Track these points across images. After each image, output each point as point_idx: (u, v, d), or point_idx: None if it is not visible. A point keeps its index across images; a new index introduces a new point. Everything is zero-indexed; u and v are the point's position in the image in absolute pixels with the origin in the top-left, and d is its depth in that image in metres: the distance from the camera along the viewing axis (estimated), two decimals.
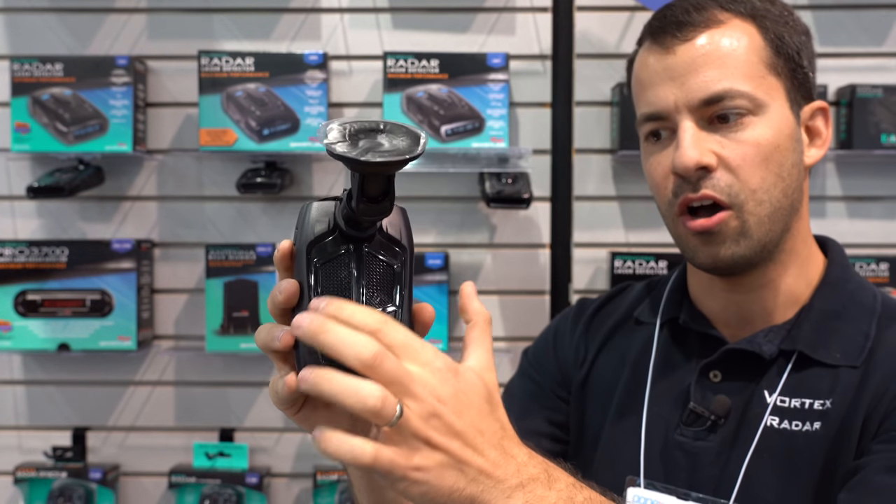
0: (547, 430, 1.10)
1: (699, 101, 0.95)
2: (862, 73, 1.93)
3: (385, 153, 0.61)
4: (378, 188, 0.64)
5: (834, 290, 1.01)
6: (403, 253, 0.70)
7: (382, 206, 0.65)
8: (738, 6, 0.98)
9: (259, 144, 1.86)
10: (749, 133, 0.95)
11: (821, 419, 0.95)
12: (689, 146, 0.94)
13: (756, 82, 0.96)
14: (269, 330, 0.69)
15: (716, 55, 0.96)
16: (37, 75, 1.87)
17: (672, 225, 1.00)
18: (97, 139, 1.87)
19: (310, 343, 0.63)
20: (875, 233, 1.95)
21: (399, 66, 1.86)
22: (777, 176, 0.96)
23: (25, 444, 1.99)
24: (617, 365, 1.09)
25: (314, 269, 0.68)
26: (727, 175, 0.95)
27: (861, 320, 0.99)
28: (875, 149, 1.86)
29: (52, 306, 1.88)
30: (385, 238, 0.70)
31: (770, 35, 0.98)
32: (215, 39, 1.97)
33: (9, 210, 1.98)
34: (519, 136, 1.95)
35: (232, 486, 1.89)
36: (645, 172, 1.03)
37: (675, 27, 0.97)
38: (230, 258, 1.88)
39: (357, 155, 0.61)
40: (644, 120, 1.00)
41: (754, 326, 1.02)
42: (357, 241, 0.69)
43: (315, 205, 0.70)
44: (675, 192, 0.97)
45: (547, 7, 1.92)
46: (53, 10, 1.97)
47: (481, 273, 1.96)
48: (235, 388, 1.98)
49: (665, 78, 0.97)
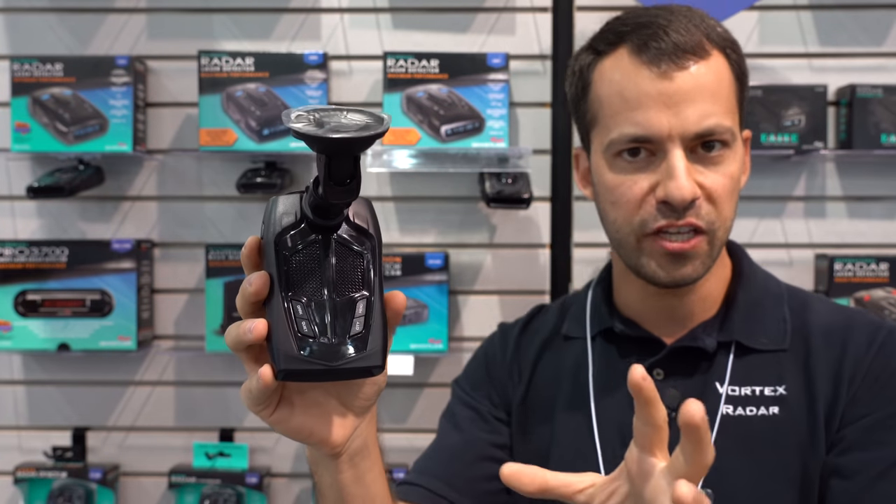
0: (492, 454, 1.12)
1: (693, 134, 0.98)
2: (862, 73, 1.93)
3: (349, 130, 0.61)
4: (345, 170, 0.64)
5: (750, 282, 1.10)
6: (370, 241, 0.70)
7: (349, 188, 0.65)
8: (713, 34, 1.02)
9: (259, 144, 1.86)
10: (725, 167, 1.00)
11: (777, 404, 1.02)
12: (683, 178, 0.97)
13: (732, 117, 1.01)
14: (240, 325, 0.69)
15: (708, 89, 0.99)
16: (37, 75, 1.87)
17: (633, 242, 1.02)
18: (97, 139, 1.87)
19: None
20: (875, 233, 1.95)
21: (399, 66, 1.86)
22: (734, 204, 1.03)
23: (25, 444, 1.99)
24: (553, 380, 1.13)
25: (283, 260, 0.68)
26: (707, 205, 1.00)
27: (776, 307, 1.08)
28: (875, 149, 1.86)
29: (52, 306, 1.88)
30: (352, 227, 0.70)
31: (735, 68, 1.03)
32: (215, 39, 1.97)
33: (9, 210, 1.98)
34: (519, 136, 1.95)
35: (232, 486, 1.89)
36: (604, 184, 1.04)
37: (671, 51, 0.98)
38: (230, 258, 1.88)
39: (322, 133, 0.60)
40: (627, 139, 1.00)
41: (685, 325, 1.08)
42: (325, 230, 0.69)
43: (281, 198, 0.70)
44: (656, 217, 1.00)
45: (547, 7, 1.92)
46: (53, 10, 1.97)
47: (481, 273, 1.96)
48: (235, 388, 1.98)
49: (660, 103, 0.98)
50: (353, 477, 0.80)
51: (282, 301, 0.68)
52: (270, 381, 0.68)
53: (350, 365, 0.67)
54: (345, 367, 0.67)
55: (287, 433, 0.74)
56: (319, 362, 0.67)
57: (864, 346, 1.03)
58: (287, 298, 0.68)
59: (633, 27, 1.01)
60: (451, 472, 1.10)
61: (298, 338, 0.67)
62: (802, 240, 1.95)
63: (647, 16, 1.02)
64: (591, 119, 1.06)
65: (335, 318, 0.68)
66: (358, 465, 0.80)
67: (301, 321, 0.67)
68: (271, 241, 0.68)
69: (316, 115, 0.62)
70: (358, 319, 0.68)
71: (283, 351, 0.67)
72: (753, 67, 1.96)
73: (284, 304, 0.68)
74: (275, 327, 0.68)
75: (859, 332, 1.04)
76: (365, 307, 0.69)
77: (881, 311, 1.84)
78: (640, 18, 1.02)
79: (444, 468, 1.11)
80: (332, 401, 0.76)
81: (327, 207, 0.67)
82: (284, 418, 0.73)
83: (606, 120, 1.03)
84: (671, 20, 1.00)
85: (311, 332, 0.67)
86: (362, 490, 0.81)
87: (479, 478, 1.10)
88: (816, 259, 1.93)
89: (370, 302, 0.69)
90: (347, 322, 0.68)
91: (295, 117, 0.61)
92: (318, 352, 0.67)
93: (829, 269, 1.86)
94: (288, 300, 0.68)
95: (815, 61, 1.94)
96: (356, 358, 0.68)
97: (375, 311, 0.69)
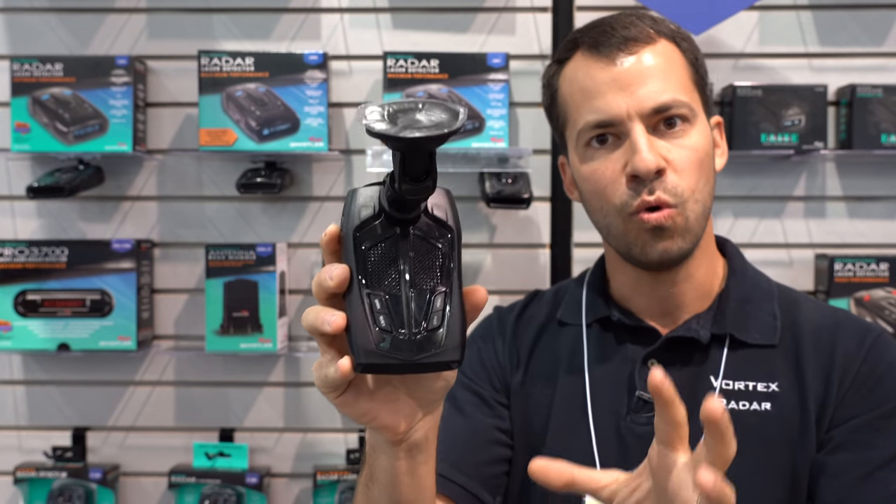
0: (497, 438, 1.14)
1: (650, 109, 1.04)
2: (862, 73, 1.93)
3: (424, 128, 0.61)
4: (419, 166, 0.64)
5: (742, 278, 1.14)
6: (450, 233, 0.70)
7: (425, 185, 0.65)
8: (661, 27, 1.10)
9: (259, 144, 1.86)
10: (689, 140, 1.05)
11: (770, 400, 1.05)
12: (646, 150, 1.03)
13: (689, 94, 1.07)
14: (318, 313, 0.70)
15: (659, 69, 1.06)
16: (37, 75, 1.87)
17: (621, 225, 1.07)
18: (97, 139, 1.87)
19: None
20: (875, 233, 1.95)
21: (399, 66, 1.86)
22: (706, 179, 1.07)
23: (25, 444, 1.99)
24: (550, 364, 1.16)
25: (362, 253, 0.69)
26: (673, 176, 1.04)
27: (766, 303, 1.12)
28: (875, 149, 1.86)
29: (52, 306, 1.88)
30: (431, 220, 0.70)
31: (688, 55, 1.10)
32: (215, 39, 1.97)
33: (9, 210, 1.98)
34: (519, 136, 1.95)
35: (232, 486, 1.89)
36: (581, 176, 1.11)
37: (618, 41, 1.07)
38: (230, 258, 1.88)
39: (396, 132, 0.60)
40: (591, 127, 1.07)
41: (678, 317, 1.11)
42: (403, 223, 0.69)
43: (360, 190, 0.70)
44: (632, 194, 1.04)
45: (547, 7, 1.92)
46: (53, 10, 1.97)
47: (481, 273, 1.96)
48: (235, 388, 1.98)
49: (614, 87, 1.05)
50: (407, 467, 0.81)
51: (360, 294, 0.68)
52: (349, 372, 0.69)
53: (428, 359, 0.68)
54: (423, 361, 0.68)
55: (352, 416, 0.75)
56: (397, 356, 0.67)
57: (854, 348, 1.06)
58: (366, 292, 0.68)
59: (585, 31, 1.11)
60: (459, 456, 1.11)
61: (377, 332, 0.68)
62: (802, 240, 1.95)
63: (598, 21, 1.12)
64: (562, 122, 1.14)
65: (413, 312, 0.68)
66: (415, 456, 0.81)
67: (379, 315, 0.68)
68: (350, 234, 0.69)
69: (391, 111, 0.62)
70: (436, 314, 0.68)
71: (361, 345, 0.67)
72: (753, 67, 1.97)
73: (363, 297, 0.68)
74: (353, 320, 0.68)
75: (848, 335, 1.08)
76: (443, 301, 0.69)
77: (881, 310, 1.85)
78: (591, 24, 1.12)
79: (451, 452, 1.12)
80: (400, 390, 0.77)
81: (404, 202, 0.67)
82: (351, 402, 0.74)
83: (573, 115, 1.10)
84: (619, 19, 1.10)
85: (390, 326, 0.68)
86: (414, 481, 0.82)
87: (485, 462, 1.12)
88: (816, 259, 1.93)
89: (448, 296, 0.69)
90: (426, 316, 0.68)
91: (369, 114, 0.62)
92: (397, 346, 0.67)
93: (829, 269, 1.86)
94: (366, 294, 0.68)
95: (815, 61, 1.94)
96: (434, 353, 0.68)
97: (454, 305, 0.69)
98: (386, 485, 0.83)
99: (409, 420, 0.77)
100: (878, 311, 1.85)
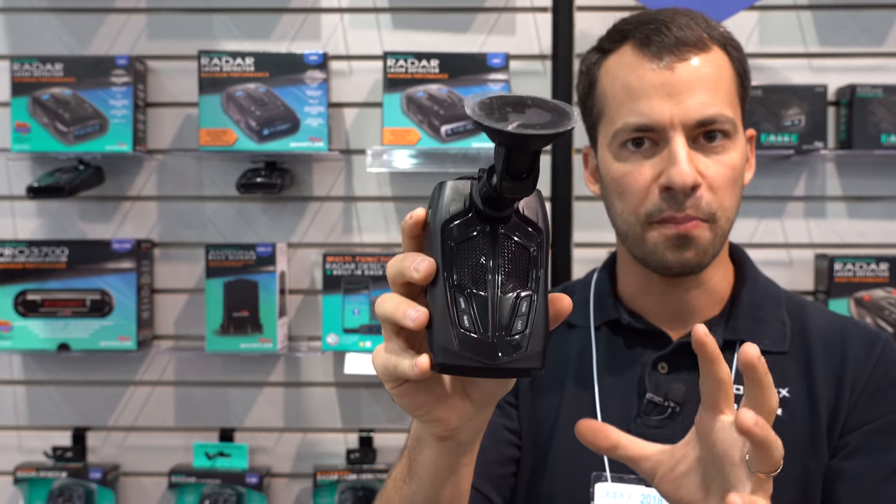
0: (507, 438, 1.13)
1: (695, 121, 1.01)
2: (862, 73, 1.93)
3: (535, 126, 0.58)
4: (524, 164, 0.61)
5: (753, 284, 1.12)
6: (539, 235, 0.68)
7: (525, 184, 0.62)
8: (714, 33, 1.06)
9: (259, 144, 1.86)
10: (727, 157, 1.03)
11: (781, 406, 1.03)
12: (685, 163, 1.00)
13: (732, 109, 1.04)
14: (399, 304, 0.68)
15: (709, 79, 1.02)
16: (37, 75, 1.87)
17: (640, 231, 1.05)
18: (97, 139, 1.87)
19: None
20: (875, 233, 1.95)
21: (399, 66, 1.86)
22: (738, 197, 1.05)
23: (25, 444, 1.99)
24: (559, 364, 1.14)
25: (449, 249, 0.66)
26: (708, 193, 1.02)
27: (776, 309, 1.10)
28: (875, 149, 1.86)
29: (52, 306, 1.88)
30: (521, 220, 0.68)
31: (736, 65, 1.07)
32: (215, 39, 1.97)
33: (9, 210, 1.98)
34: None
35: (232, 486, 1.89)
36: (610, 175, 1.07)
37: (672, 44, 1.03)
38: (230, 258, 1.88)
39: (506, 127, 0.58)
40: (631, 129, 1.04)
41: (689, 322, 1.10)
42: (493, 221, 0.67)
43: (450, 183, 0.68)
44: (661, 206, 1.02)
45: (547, 7, 1.92)
46: (53, 10, 1.97)
47: None
48: (235, 388, 1.98)
49: (662, 93, 1.02)
50: (449, 465, 0.79)
51: (445, 291, 0.66)
52: (427, 371, 0.66)
53: (509, 365, 0.65)
54: (503, 366, 0.65)
55: (406, 407, 0.73)
56: (478, 359, 0.65)
57: (863, 355, 1.05)
58: (450, 289, 0.66)
59: (637, 25, 1.06)
60: None
61: (459, 332, 0.65)
62: (802, 240, 1.95)
63: (650, 15, 1.07)
64: (597, 114, 1.09)
65: (497, 315, 0.66)
66: (459, 456, 0.79)
67: (463, 315, 0.65)
68: (438, 229, 0.67)
69: (498, 104, 0.60)
70: (520, 318, 0.66)
71: (442, 345, 0.65)
72: (753, 67, 1.95)
73: (447, 294, 0.66)
74: (436, 317, 0.66)
75: (857, 341, 1.07)
76: (528, 305, 0.66)
77: (881, 311, 1.85)
78: (644, 17, 1.07)
79: None
80: (457, 386, 0.75)
81: (500, 200, 0.65)
82: (408, 392, 0.72)
83: (611, 112, 1.06)
84: (674, 17, 1.05)
85: (472, 328, 0.65)
86: (454, 479, 0.80)
87: (495, 461, 1.11)
88: (816, 259, 1.93)
89: (534, 300, 0.66)
90: (509, 320, 0.66)
91: (478, 105, 0.59)
92: (478, 348, 0.65)
93: (829, 269, 1.86)
94: (451, 291, 0.66)
95: (815, 61, 1.94)
96: (516, 358, 0.65)
97: (538, 311, 0.66)
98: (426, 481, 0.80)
99: (462, 418, 0.75)
100: (878, 311, 1.85)
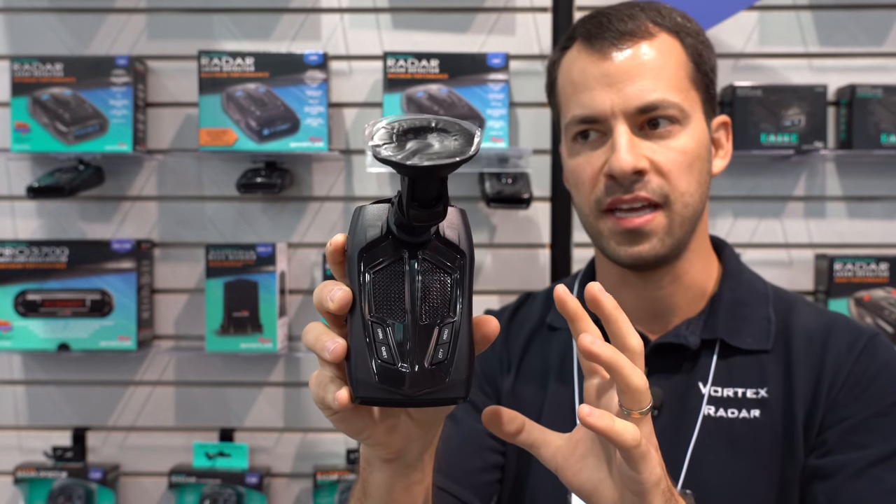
0: (489, 444, 1.12)
1: (635, 109, 1.02)
2: (862, 73, 1.93)
3: (434, 155, 0.56)
4: (429, 192, 0.60)
5: (736, 281, 1.11)
6: (461, 258, 0.65)
7: (435, 211, 0.60)
8: (664, 21, 1.06)
9: (259, 144, 1.86)
10: (676, 141, 1.02)
11: (759, 407, 1.03)
12: (626, 151, 1.00)
13: (683, 94, 1.03)
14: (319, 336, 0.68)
15: (650, 66, 1.03)
16: (37, 75, 1.87)
17: (594, 222, 1.06)
18: (97, 139, 1.87)
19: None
20: (875, 233, 1.95)
21: (399, 66, 1.86)
22: (698, 182, 1.04)
23: (25, 444, 1.99)
24: (540, 370, 1.14)
25: (366, 277, 0.64)
26: (658, 178, 1.02)
27: (761, 306, 1.09)
28: (875, 149, 1.86)
29: (52, 306, 1.88)
30: (442, 242, 0.65)
31: (690, 51, 1.06)
32: (215, 39, 1.97)
33: (9, 210, 1.98)
34: (519, 136, 1.95)
35: (232, 486, 1.89)
36: (568, 169, 1.10)
37: (612, 36, 1.04)
38: (230, 258, 1.88)
39: (403, 159, 0.56)
40: (577, 121, 1.05)
41: (668, 321, 1.09)
42: (411, 247, 0.64)
43: (368, 208, 0.66)
44: (606, 193, 1.03)
45: (547, 7, 1.92)
46: (53, 10, 1.97)
47: (481, 273, 1.96)
48: (235, 388, 1.98)
49: (602, 83, 1.03)
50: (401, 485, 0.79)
51: (362, 321, 0.64)
52: (346, 404, 0.66)
53: (431, 395, 0.64)
54: (425, 397, 0.64)
55: (347, 432, 0.73)
56: (398, 392, 0.64)
57: (845, 350, 1.04)
58: (368, 319, 0.64)
59: (584, 21, 1.09)
60: (451, 464, 1.10)
61: (378, 364, 0.64)
62: (802, 240, 1.95)
63: (599, 11, 1.09)
64: (557, 112, 1.12)
65: (417, 344, 0.64)
66: (409, 475, 0.79)
67: (381, 346, 0.64)
68: (355, 256, 0.65)
69: (399, 130, 0.57)
70: (442, 346, 0.64)
71: (361, 378, 0.64)
72: (753, 67, 1.97)
73: (365, 325, 0.64)
74: (354, 348, 0.65)
75: (840, 337, 1.05)
76: (450, 332, 0.64)
77: (881, 311, 1.85)
78: (593, 13, 1.09)
79: (444, 460, 1.11)
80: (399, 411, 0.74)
81: (411, 227, 0.63)
82: (347, 418, 0.71)
83: (563, 107, 1.09)
84: (618, 10, 1.07)
85: (391, 359, 0.64)
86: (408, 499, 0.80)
87: (478, 469, 1.11)
88: (816, 259, 1.93)
89: (456, 327, 0.64)
90: (430, 349, 0.64)
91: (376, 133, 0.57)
92: (398, 380, 0.64)
93: (829, 269, 1.86)
94: (369, 321, 0.64)
95: (815, 61, 1.94)
96: (438, 388, 0.64)
97: (461, 338, 0.64)
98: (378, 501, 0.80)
99: (406, 439, 0.75)
100: (877, 311, 1.85)
